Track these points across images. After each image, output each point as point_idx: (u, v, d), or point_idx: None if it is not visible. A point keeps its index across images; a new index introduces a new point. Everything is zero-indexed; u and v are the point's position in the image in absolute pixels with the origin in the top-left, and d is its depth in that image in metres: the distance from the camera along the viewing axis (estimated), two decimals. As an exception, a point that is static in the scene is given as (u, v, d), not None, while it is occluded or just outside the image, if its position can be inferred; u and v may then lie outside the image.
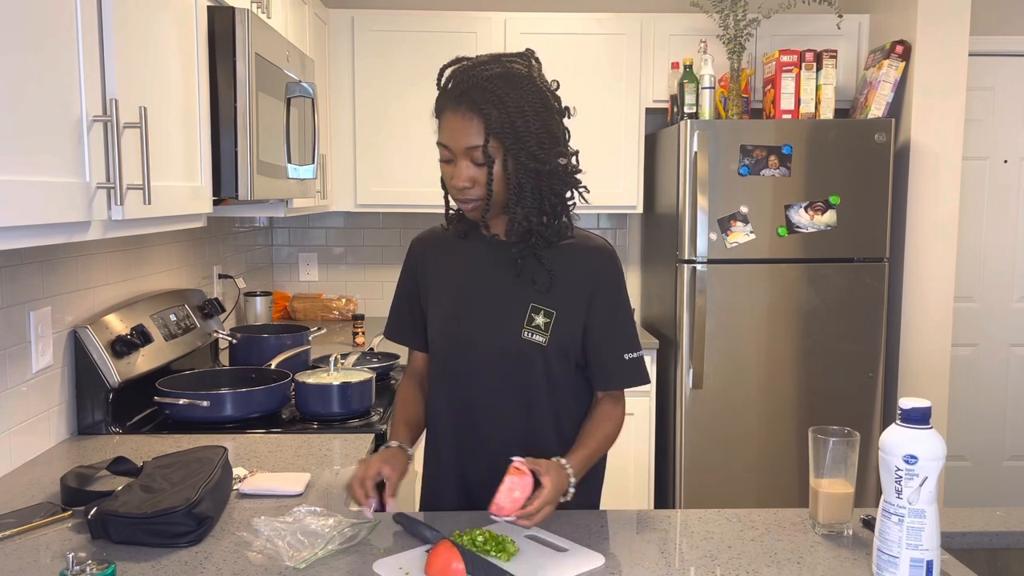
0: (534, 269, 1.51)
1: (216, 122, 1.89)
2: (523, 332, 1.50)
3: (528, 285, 1.51)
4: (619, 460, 3.48)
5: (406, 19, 3.55)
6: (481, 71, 1.41)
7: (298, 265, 4.03)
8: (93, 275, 2.15)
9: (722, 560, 1.34)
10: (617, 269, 1.58)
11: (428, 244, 1.64)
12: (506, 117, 1.39)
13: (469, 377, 1.55)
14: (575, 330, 1.53)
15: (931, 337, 3.39)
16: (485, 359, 1.53)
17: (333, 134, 3.54)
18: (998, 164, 3.88)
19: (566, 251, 1.53)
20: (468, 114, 1.40)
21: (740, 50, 3.37)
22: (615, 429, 1.59)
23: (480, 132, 1.40)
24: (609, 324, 1.55)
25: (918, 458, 1.19)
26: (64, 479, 1.58)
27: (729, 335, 3.27)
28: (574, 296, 1.52)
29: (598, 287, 1.54)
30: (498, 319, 1.52)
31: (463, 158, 1.43)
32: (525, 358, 1.51)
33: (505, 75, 1.42)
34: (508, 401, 1.54)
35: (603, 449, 1.57)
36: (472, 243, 1.58)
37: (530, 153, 1.42)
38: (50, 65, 1.22)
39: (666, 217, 3.49)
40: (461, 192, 1.45)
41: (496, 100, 1.39)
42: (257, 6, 2.25)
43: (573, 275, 1.53)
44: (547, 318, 1.51)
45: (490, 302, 1.53)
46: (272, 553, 1.31)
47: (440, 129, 1.45)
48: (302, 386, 2.19)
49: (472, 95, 1.40)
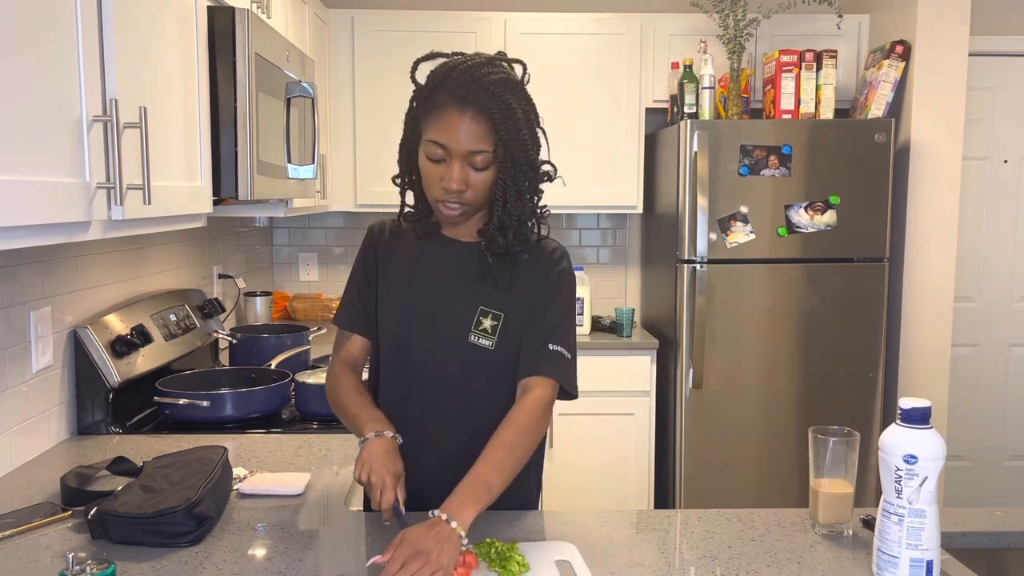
0: (496, 271, 1.49)
1: (216, 122, 1.89)
2: (470, 336, 1.48)
3: (479, 289, 1.49)
4: (619, 460, 3.49)
5: (406, 19, 3.55)
6: (485, 74, 1.38)
7: (298, 265, 4.03)
8: (93, 275, 2.15)
9: (722, 560, 1.34)
10: (565, 270, 1.55)
11: (385, 234, 1.58)
12: (513, 124, 1.38)
13: (414, 379, 1.51)
14: (521, 332, 1.50)
15: (931, 337, 3.39)
16: (431, 362, 1.50)
17: (333, 134, 3.54)
18: (998, 164, 3.88)
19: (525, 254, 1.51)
20: (477, 117, 1.37)
21: (740, 50, 3.37)
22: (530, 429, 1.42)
23: (489, 138, 1.38)
24: (544, 313, 1.50)
25: (918, 458, 1.19)
26: (64, 479, 1.58)
27: (729, 335, 3.27)
28: (524, 299, 1.50)
29: (544, 285, 1.52)
30: (446, 322, 1.50)
31: (461, 160, 1.40)
32: (471, 362, 1.49)
33: (508, 81, 1.40)
34: (453, 404, 1.51)
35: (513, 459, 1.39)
36: (428, 244, 1.54)
37: (529, 162, 1.42)
38: (50, 65, 1.22)
39: (666, 217, 3.49)
40: (452, 194, 1.41)
41: (505, 107, 1.37)
42: (257, 6, 2.25)
43: (527, 278, 1.51)
44: (495, 321, 1.49)
45: (439, 305, 1.51)
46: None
47: (437, 127, 1.39)
48: (302, 386, 2.19)
49: (481, 98, 1.37)
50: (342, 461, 1.85)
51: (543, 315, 1.51)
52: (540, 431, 1.45)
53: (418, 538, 1.21)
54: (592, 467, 3.47)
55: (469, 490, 1.31)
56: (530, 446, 1.43)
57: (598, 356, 3.44)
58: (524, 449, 1.41)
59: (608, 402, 3.44)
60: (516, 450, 1.40)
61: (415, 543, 1.20)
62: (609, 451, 3.47)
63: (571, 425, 3.42)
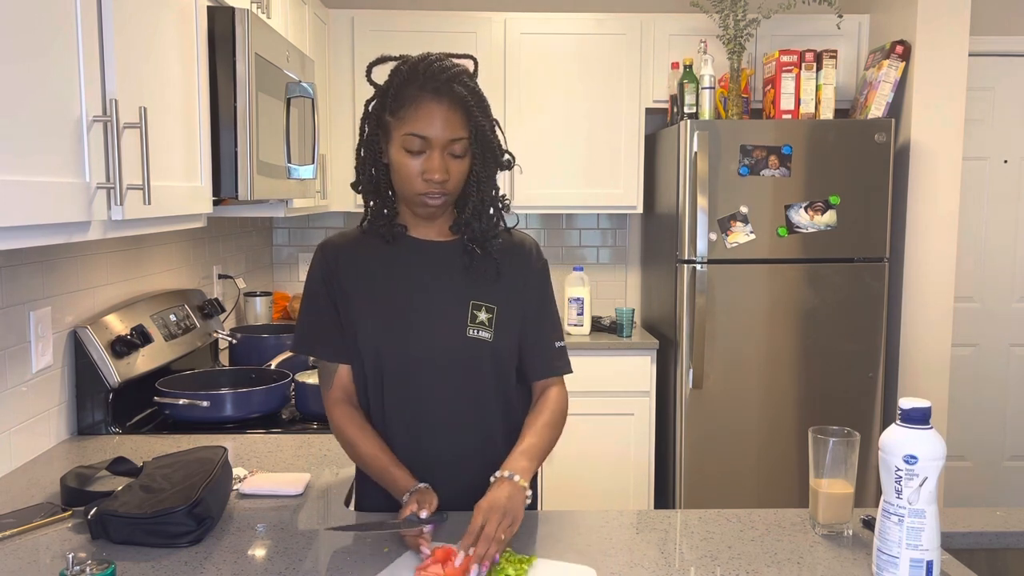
0: (478, 263, 1.51)
1: (216, 122, 1.89)
2: (468, 330, 1.49)
3: (465, 285, 1.51)
4: (619, 460, 3.49)
5: (406, 19, 3.55)
6: (450, 65, 1.43)
7: (298, 265, 4.03)
8: (93, 275, 2.15)
9: (722, 560, 1.34)
10: (543, 261, 1.62)
11: (342, 250, 1.54)
12: (483, 111, 1.44)
13: (415, 385, 1.50)
14: (516, 321, 1.54)
15: (931, 337, 3.39)
16: (431, 364, 1.49)
17: (333, 134, 3.54)
18: (998, 164, 3.88)
19: (498, 246, 1.54)
20: (453, 106, 1.41)
21: (740, 50, 3.37)
22: (561, 416, 1.57)
23: (465, 124, 1.42)
24: (543, 312, 1.59)
25: (918, 458, 1.19)
26: (64, 479, 1.58)
27: (729, 335, 3.27)
28: (511, 288, 1.54)
29: (530, 277, 1.57)
30: (441, 321, 1.49)
31: (441, 149, 1.41)
32: (473, 356, 1.49)
33: (468, 72, 1.46)
34: (458, 402, 1.51)
35: (550, 437, 1.53)
36: (399, 249, 1.53)
37: (497, 145, 1.48)
38: (50, 65, 1.22)
39: (666, 217, 3.49)
40: (436, 185, 1.42)
41: (475, 94, 1.44)
42: (257, 6, 2.25)
43: (508, 268, 1.54)
44: (489, 313, 1.50)
45: (429, 305, 1.50)
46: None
47: (414, 120, 1.40)
48: (302, 386, 2.19)
49: (454, 88, 1.41)
50: (342, 461, 1.84)
51: (542, 313, 1.58)
52: (564, 421, 1.57)
53: (491, 498, 1.32)
54: (592, 467, 3.47)
55: (524, 451, 1.44)
56: (560, 431, 1.55)
57: (598, 356, 3.45)
58: (558, 431, 1.55)
59: (608, 402, 3.44)
60: (555, 428, 1.54)
61: (490, 501, 1.31)
62: (609, 451, 3.47)
63: (571, 425, 3.36)
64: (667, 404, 3.45)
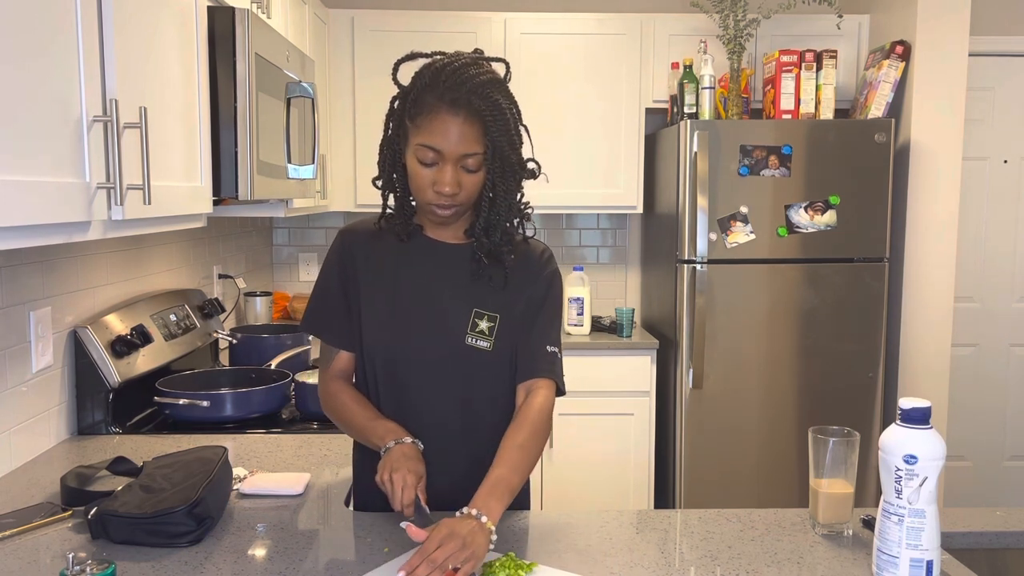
0: (487, 270, 1.49)
1: (216, 122, 1.89)
2: (467, 338, 1.48)
3: (472, 291, 1.49)
4: (619, 460, 3.49)
5: (406, 19, 3.55)
6: (474, 75, 1.37)
7: (298, 265, 4.03)
8: (93, 275, 2.15)
9: (722, 560, 1.34)
10: (555, 271, 1.57)
11: (360, 239, 1.55)
12: (503, 125, 1.39)
13: (409, 384, 1.50)
14: (517, 331, 1.51)
15: (931, 337, 3.39)
16: (427, 366, 1.49)
17: (333, 134, 3.54)
18: (998, 164, 3.88)
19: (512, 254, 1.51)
20: (470, 120, 1.37)
21: (740, 50, 3.38)
22: (541, 431, 1.45)
23: (480, 140, 1.38)
24: (540, 316, 1.52)
25: (918, 458, 1.19)
26: (64, 479, 1.58)
27: (729, 335, 3.27)
28: (516, 297, 1.51)
29: (536, 286, 1.53)
30: (440, 326, 1.49)
31: (454, 163, 1.39)
32: (469, 364, 1.48)
33: (496, 82, 1.40)
34: (450, 408, 1.50)
35: (525, 463, 1.41)
36: (412, 247, 1.52)
37: (517, 160, 1.44)
38: (50, 65, 1.22)
39: (666, 217, 3.49)
40: (446, 197, 1.41)
41: (496, 108, 1.38)
42: (257, 6, 2.25)
43: (516, 277, 1.51)
44: (491, 322, 1.49)
45: (432, 308, 1.50)
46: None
47: (428, 131, 1.38)
48: (302, 386, 2.19)
49: (472, 101, 1.36)
50: (342, 461, 1.85)
51: (538, 317, 1.53)
52: (548, 430, 1.48)
53: (453, 524, 1.24)
54: (592, 467, 3.47)
55: (493, 488, 1.33)
56: (542, 445, 1.46)
57: (598, 356, 3.45)
58: (538, 449, 1.44)
59: (608, 402, 3.44)
60: (532, 450, 1.42)
61: (450, 527, 1.23)
62: (609, 451, 3.47)
63: (571, 425, 3.42)
64: (667, 404, 3.45)
